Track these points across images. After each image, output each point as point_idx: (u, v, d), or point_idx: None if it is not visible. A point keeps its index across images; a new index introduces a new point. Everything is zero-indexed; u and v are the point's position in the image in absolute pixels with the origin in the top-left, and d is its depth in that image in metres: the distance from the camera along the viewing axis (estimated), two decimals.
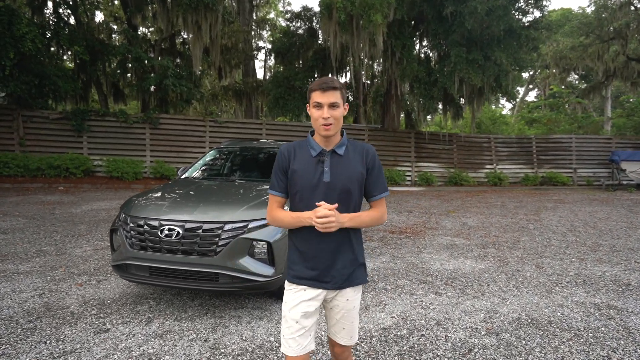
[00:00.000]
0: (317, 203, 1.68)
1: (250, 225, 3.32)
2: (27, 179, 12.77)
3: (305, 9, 18.51)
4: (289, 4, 27.48)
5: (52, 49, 15.39)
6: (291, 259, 1.82)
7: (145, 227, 3.33)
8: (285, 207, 1.86)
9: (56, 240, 5.88)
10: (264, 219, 3.39)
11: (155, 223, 3.32)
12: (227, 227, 3.27)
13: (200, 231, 3.25)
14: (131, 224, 3.40)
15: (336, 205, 1.67)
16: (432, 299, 3.91)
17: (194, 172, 4.85)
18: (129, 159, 14.04)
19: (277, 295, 3.71)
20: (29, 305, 3.51)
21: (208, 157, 5.13)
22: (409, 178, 17.09)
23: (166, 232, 3.25)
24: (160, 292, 3.93)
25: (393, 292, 4.07)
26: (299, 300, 1.76)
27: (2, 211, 8.13)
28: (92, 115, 14.23)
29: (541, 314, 3.55)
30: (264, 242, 3.30)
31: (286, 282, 1.83)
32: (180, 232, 3.24)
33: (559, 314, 3.57)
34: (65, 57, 18.23)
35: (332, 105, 1.70)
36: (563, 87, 30.03)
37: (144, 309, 3.50)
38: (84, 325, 3.17)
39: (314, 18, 18.34)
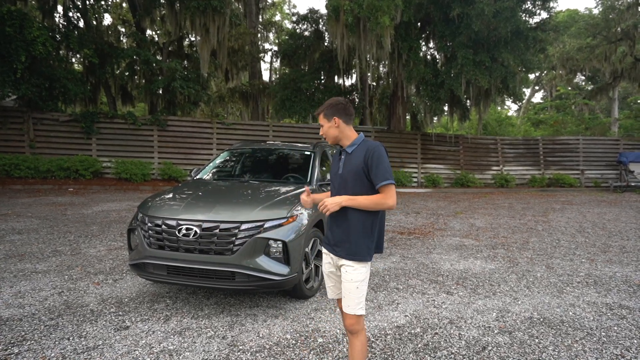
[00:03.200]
0: (305, 187, 2.45)
1: (266, 225, 3.39)
2: (37, 180, 12.93)
3: (312, 11, 18.60)
4: (295, 6, 27.54)
5: (62, 52, 15.60)
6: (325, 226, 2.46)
7: (163, 226, 3.41)
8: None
9: (70, 241, 5.98)
10: (279, 218, 3.45)
11: (173, 223, 3.39)
12: (244, 226, 3.33)
13: (217, 230, 3.31)
14: (149, 224, 3.48)
15: (329, 193, 2.39)
16: (444, 298, 3.95)
17: (207, 173, 4.93)
18: (137, 160, 14.17)
19: (291, 294, 3.76)
20: (49, 303, 3.59)
21: (220, 159, 5.20)
22: (415, 179, 17.10)
23: (184, 231, 3.32)
24: (176, 290, 4.00)
25: (405, 292, 4.12)
26: (325, 260, 2.38)
27: (16, 212, 8.26)
28: (101, 117, 14.39)
29: (553, 313, 3.58)
30: (280, 242, 3.37)
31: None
32: (198, 231, 3.31)
33: (570, 313, 3.60)
34: (74, 60, 18.44)
35: (321, 126, 2.29)
36: (570, 88, 29.93)
37: (162, 307, 3.57)
38: (104, 322, 3.25)
39: (321, 20, 18.43)
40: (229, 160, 5.26)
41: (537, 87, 38.50)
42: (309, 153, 4.94)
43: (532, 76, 32.00)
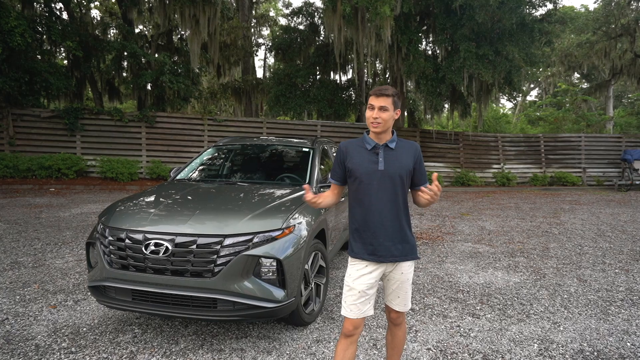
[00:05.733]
0: (304, 185, 2.25)
1: (256, 239, 2.72)
2: (16, 180, 12.15)
3: (307, 4, 17.91)
4: (290, 4, 26.81)
5: (45, 45, 14.78)
6: (353, 237, 2.16)
7: (127, 241, 2.72)
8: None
9: (36, 250, 5.27)
10: (272, 230, 2.79)
11: (139, 236, 2.71)
12: (228, 241, 2.66)
13: (194, 247, 2.64)
14: (110, 237, 2.79)
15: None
16: (470, 323, 3.32)
17: (189, 173, 4.23)
18: (124, 159, 13.42)
19: (287, 320, 3.09)
20: None
21: (205, 156, 4.51)
22: None
23: (152, 247, 2.64)
24: (147, 316, 3.33)
25: (423, 314, 3.47)
26: (360, 274, 2.11)
27: None
28: (86, 113, 13.60)
29: (607, 345, 2.96)
30: (273, 260, 2.70)
31: (349, 257, 2.18)
32: (170, 247, 2.63)
33: (628, 344, 2.97)
34: (58, 54, 17.58)
35: (382, 109, 2.08)
36: (567, 85, 29.52)
37: (127, 340, 2.89)
38: None
39: (316, 13, 17.75)
40: (215, 157, 4.57)
41: (532, 85, 38.09)
42: (307, 150, 4.28)
43: (530, 72, 31.56)
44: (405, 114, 20.20)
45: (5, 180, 12.04)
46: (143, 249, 2.66)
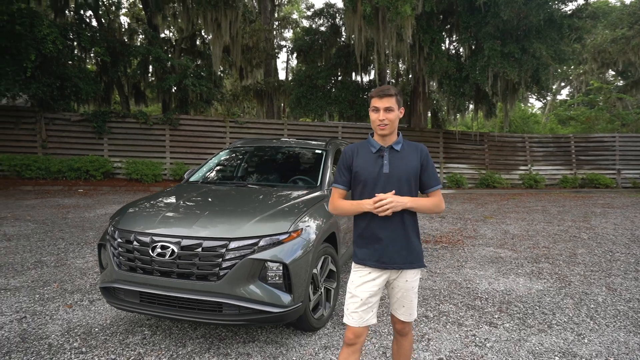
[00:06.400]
0: (376, 194, 1.99)
1: (262, 243, 2.68)
2: (48, 181, 12.64)
3: (328, 5, 17.90)
4: (312, 5, 26.85)
5: (76, 52, 15.33)
6: (356, 243, 2.11)
7: (135, 243, 2.74)
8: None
9: (59, 249, 5.43)
10: (279, 234, 2.74)
11: (146, 239, 2.72)
12: (233, 244, 2.63)
13: (199, 250, 2.63)
14: (119, 239, 2.82)
15: (392, 192, 1.98)
16: (487, 332, 3.17)
17: (202, 175, 4.25)
18: (148, 160, 13.75)
19: (295, 325, 3.05)
20: (2, 335, 2.98)
21: (218, 158, 4.52)
22: None
23: (159, 250, 2.65)
24: (157, 318, 3.34)
25: (437, 322, 3.35)
26: (363, 281, 2.05)
27: (15, 215, 7.83)
28: (113, 116, 14.02)
29: None
30: (279, 264, 2.66)
31: (353, 263, 2.12)
32: (176, 250, 2.63)
33: None
34: (87, 59, 18.21)
35: (387, 110, 2.02)
36: (602, 83, 28.26)
37: (136, 341, 2.91)
38: None
39: (337, 15, 17.71)
40: (228, 160, 4.57)
41: (563, 84, 36.71)
42: (320, 151, 4.22)
43: (560, 70, 30.41)
44: (429, 114, 19.85)
45: (38, 181, 12.55)
46: (150, 251, 2.67)
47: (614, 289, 4.22)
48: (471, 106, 17.22)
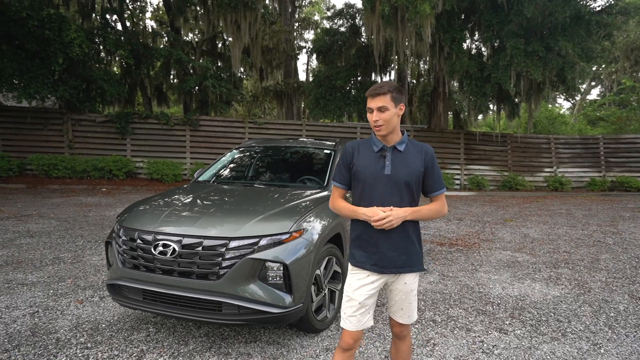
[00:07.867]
0: (374, 205, 1.93)
1: (262, 242, 2.66)
2: (74, 180, 13.07)
3: (348, 5, 17.85)
4: (333, 6, 26.81)
5: (101, 54, 15.82)
6: (354, 245, 2.04)
7: (138, 241, 2.77)
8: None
9: (77, 246, 5.58)
10: (280, 234, 2.72)
11: (149, 237, 2.75)
12: (233, 244, 2.63)
13: (200, 248, 2.63)
14: (123, 237, 2.86)
15: (390, 208, 1.89)
16: (496, 338, 3.06)
17: (211, 174, 4.29)
18: (169, 161, 14.03)
19: (298, 326, 3.02)
20: (15, 327, 3.08)
21: (228, 158, 4.55)
22: (457, 182, 15.84)
23: (160, 248, 2.67)
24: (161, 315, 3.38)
25: (444, 327, 3.26)
26: (361, 284, 1.99)
27: (40, 213, 8.12)
28: (135, 118, 14.38)
29: None
30: (279, 264, 2.64)
31: (350, 265, 2.06)
32: (177, 248, 2.64)
33: None
34: (112, 62, 18.76)
35: (380, 109, 1.91)
36: (635, 82, 27.10)
37: (140, 338, 2.95)
38: (62, 359, 2.66)
39: (357, 15, 17.64)
40: (238, 159, 4.60)
41: (593, 83, 35.36)
42: (329, 151, 4.18)
43: (593, 68, 29.32)
44: (450, 115, 19.51)
45: (64, 180, 12.99)
46: (152, 249, 2.70)
47: (637, 297, 4.01)
48: (494, 107, 16.79)
